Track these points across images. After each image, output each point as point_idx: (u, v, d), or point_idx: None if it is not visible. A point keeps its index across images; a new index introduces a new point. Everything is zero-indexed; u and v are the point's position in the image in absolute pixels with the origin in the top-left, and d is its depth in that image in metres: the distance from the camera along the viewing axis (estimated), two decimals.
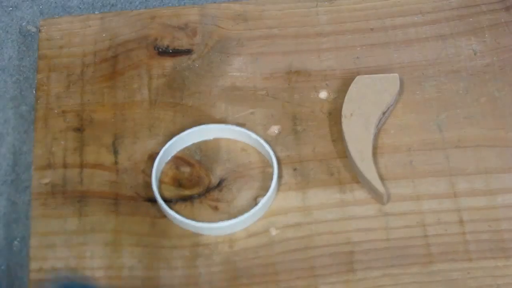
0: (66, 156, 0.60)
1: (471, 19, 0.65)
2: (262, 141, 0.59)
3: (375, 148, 0.59)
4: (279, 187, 0.58)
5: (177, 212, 0.57)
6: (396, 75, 0.61)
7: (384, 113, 0.60)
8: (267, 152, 0.59)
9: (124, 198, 0.58)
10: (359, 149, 0.58)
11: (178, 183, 0.59)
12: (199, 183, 0.59)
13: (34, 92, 0.64)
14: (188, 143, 0.60)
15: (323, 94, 0.63)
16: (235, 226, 0.56)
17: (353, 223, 0.57)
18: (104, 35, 0.66)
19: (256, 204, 0.57)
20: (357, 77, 0.61)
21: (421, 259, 0.55)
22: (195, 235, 0.57)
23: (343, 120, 0.59)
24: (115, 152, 0.60)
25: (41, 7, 0.69)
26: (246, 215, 0.56)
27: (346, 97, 0.61)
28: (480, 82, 0.63)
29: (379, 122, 0.60)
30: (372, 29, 0.65)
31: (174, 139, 0.59)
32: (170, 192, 0.59)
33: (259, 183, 0.59)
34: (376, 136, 0.60)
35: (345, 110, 0.60)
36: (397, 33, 0.65)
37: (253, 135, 0.59)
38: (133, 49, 0.65)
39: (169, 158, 0.60)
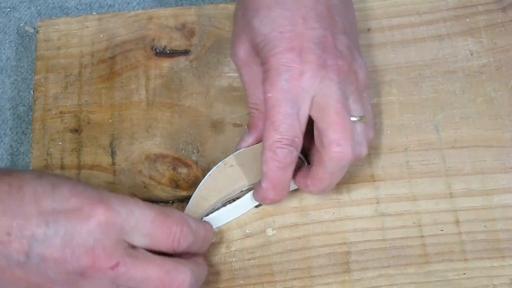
0: (64, 157, 0.60)
1: (467, 19, 0.65)
2: None
3: (371, 149, 0.60)
4: None
5: None
6: None
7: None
8: None
9: None
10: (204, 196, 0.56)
11: (175, 184, 0.59)
12: (196, 184, 0.59)
13: (31, 93, 0.64)
14: None
15: None
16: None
17: (349, 223, 0.57)
18: (101, 36, 0.66)
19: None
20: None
21: (417, 260, 0.55)
22: None
23: (220, 165, 0.56)
24: (113, 153, 0.60)
25: (38, 8, 0.69)
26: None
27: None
28: (477, 82, 0.63)
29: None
30: (369, 30, 0.65)
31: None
32: (167, 193, 0.59)
33: None
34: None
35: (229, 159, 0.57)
36: (394, 33, 0.65)
37: None
38: (130, 50, 0.65)
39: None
